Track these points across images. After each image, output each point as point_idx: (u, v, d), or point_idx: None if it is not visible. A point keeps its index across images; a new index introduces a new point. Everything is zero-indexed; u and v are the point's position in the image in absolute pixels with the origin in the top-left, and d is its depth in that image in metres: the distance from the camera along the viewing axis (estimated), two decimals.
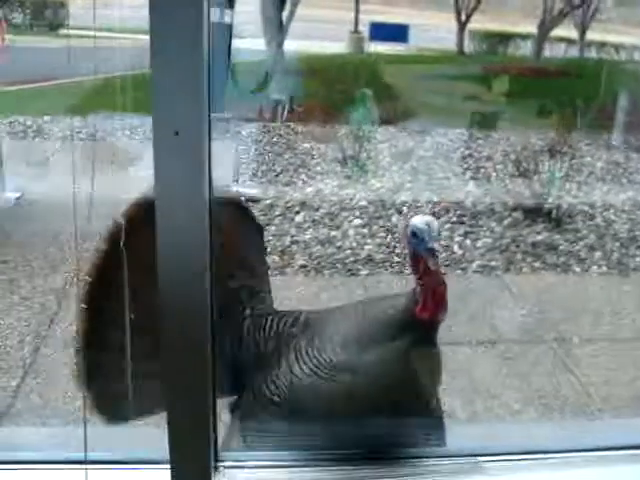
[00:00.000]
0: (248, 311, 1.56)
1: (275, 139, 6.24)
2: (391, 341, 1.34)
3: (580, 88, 6.82)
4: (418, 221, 1.29)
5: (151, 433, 1.54)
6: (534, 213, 4.71)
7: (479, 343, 3.30)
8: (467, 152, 5.88)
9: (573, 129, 5.57)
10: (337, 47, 10.97)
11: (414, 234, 1.28)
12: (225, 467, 1.43)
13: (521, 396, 2.92)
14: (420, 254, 1.30)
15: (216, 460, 1.45)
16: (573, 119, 5.45)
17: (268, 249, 3.87)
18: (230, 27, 6.51)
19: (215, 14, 6.50)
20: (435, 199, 4.84)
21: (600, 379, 3.07)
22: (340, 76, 7.22)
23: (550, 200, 4.78)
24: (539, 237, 4.49)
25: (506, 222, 4.66)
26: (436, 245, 1.29)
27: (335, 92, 6.50)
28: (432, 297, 1.30)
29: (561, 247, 4.39)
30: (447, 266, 4.10)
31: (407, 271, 4.05)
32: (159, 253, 1.17)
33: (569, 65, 9.95)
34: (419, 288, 1.31)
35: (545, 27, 9.60)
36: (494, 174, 5.19)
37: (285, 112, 6.58)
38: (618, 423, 2.75)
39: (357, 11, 11.14)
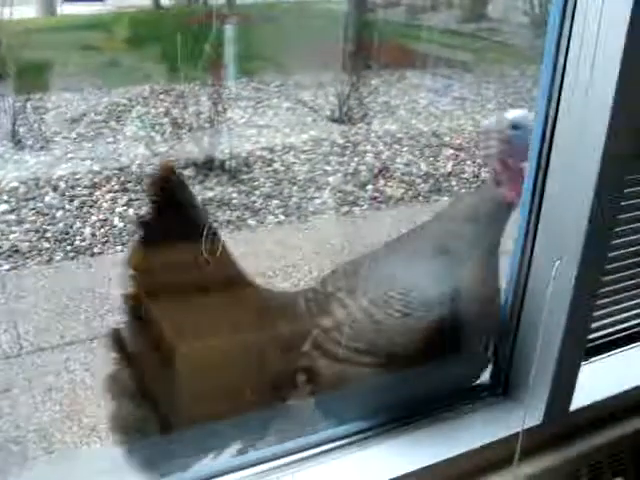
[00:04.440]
0: None
1: None
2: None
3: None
4: (518, 114, 1.30)
5: None
6: (207, 167, 4.32)
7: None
8: (144, 110, 5.37)
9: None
10: (27, 11, 9.96)
11: (515, 127, 1.29)
12: None
13: None
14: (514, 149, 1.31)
15: None
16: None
17: None
18: None
19: None
20: (96, 168, 4.30)
21: None
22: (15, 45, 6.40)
23: (227, 150, 4.43)
24: (210, 193, 4.10)
25: None
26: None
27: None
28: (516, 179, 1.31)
29: (234, 201, 4.04)
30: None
31: (58, 258, 3.54)
32: None
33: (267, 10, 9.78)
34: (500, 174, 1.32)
35: None
36: (165, 131, 4.74)
37: None
38: None
39: None
